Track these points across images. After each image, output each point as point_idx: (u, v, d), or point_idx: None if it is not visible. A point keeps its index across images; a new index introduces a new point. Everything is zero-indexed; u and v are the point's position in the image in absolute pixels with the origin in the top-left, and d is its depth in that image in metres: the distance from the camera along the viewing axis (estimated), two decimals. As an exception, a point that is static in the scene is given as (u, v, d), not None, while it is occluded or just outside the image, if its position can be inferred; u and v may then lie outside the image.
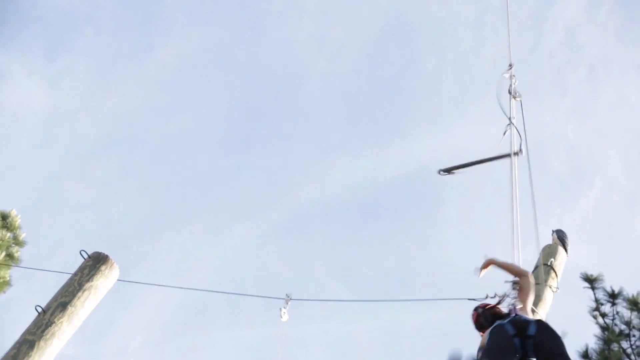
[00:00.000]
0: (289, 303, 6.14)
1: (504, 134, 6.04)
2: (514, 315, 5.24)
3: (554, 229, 6.70)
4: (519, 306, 5.38)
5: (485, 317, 5.42)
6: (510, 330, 5.05)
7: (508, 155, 5.98)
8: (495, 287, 6.08)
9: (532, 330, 5.05)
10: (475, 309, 5.52)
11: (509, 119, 5.99)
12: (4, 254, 14.22)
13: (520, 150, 5.98)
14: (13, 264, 14.08)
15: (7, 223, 14.56)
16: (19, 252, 14.53)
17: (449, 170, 6.32)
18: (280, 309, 6.12)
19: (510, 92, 6.18)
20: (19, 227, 14.72)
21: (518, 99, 6.23)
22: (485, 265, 5.73)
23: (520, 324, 5.08)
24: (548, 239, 6.66)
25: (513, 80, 6.27)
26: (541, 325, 5.12)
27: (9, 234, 14.49)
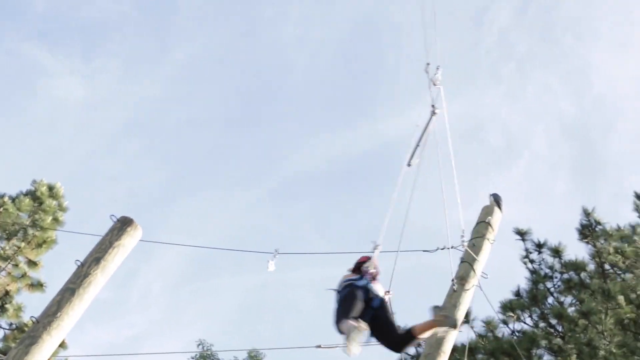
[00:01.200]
0: (277, 256, 6.77)
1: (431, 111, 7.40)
2: (366, 281, 6.24)
3: (491, 192, 7.75)
4: (375, 277, 6.33)
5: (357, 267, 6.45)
6: (361, 295, 6.06)
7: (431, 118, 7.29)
8: (445, 241, 7.24)
9: (375, 304, 6.13)
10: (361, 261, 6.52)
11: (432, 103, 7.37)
12: (50, 218, 16.07)
13: (435, 111, 7.32)
14: (58, 227, 15.86)
15: (53, 193, 16.47)
16: (62, 217, 16.40)
17: (410, 161, 7.44)
18: (268, 260, 6.75)
19: (431, 80, 7.50)
20: (62, 196, 16.61)
21: (438, 85, 7.55)
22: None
23: (370, 295, 6.13)
24: (486, 201, 7.73)
25: (436, 73, 7.59)
26: (383, 303, 6.18)
27: (54, 202, 16.34)
